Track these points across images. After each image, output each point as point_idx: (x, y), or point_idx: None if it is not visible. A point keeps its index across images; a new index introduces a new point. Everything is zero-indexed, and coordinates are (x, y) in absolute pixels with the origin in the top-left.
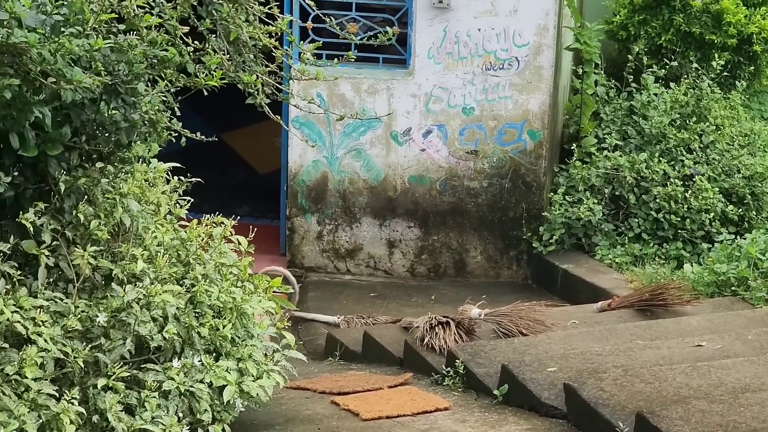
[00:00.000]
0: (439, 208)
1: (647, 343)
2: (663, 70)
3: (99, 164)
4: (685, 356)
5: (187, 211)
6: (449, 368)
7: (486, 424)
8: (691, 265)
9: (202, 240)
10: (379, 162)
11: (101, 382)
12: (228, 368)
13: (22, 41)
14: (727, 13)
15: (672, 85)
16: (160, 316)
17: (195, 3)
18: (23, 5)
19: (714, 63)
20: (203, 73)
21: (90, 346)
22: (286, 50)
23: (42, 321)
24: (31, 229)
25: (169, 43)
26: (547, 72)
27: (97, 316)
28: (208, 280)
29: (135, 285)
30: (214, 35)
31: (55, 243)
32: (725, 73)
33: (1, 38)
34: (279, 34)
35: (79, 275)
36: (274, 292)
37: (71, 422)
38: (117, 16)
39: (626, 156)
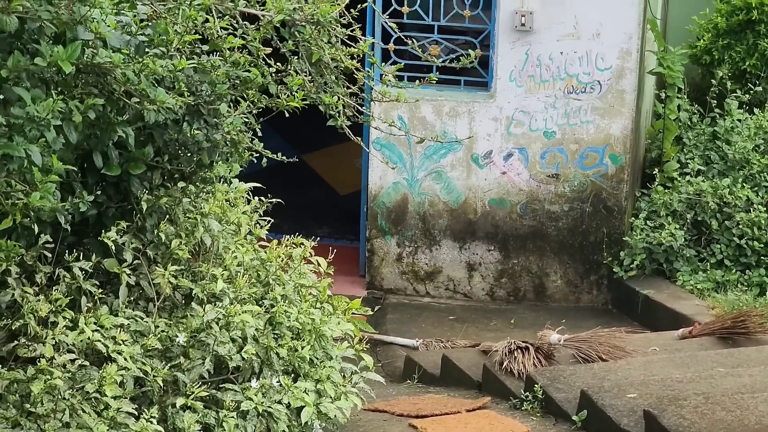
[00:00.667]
0: (520, 232)
1: (729, 371)
2: (747, 95)
3: (181, 184)
4: None
5: (267, 232)
6: (528, 393)
7: None
8: None
9: (282, 261)
10: (460, 184)
11: (180, 401)
12: (306, 389)
13: (107, 61)
14: None
15: (756, 110)
16: (239, 337)
17: (278, 25)
18: (108, 26)
19: None
20: (285, 94)
21: (169, 365)
22: (368, 72)
23: (122, 339)
24: (113, 247)
25: (252, 65)
26: (629, 96)
27: (177, 336)
28: (287, 301)
29: (215, 305)
30: (296, 57)
31: (136, 262)
32: None
33: (87, 58)
34: (361, 56)
35: (160, 294)
36: (353, 314)
37: None
38: (200, 37)
39: (709, 181)
